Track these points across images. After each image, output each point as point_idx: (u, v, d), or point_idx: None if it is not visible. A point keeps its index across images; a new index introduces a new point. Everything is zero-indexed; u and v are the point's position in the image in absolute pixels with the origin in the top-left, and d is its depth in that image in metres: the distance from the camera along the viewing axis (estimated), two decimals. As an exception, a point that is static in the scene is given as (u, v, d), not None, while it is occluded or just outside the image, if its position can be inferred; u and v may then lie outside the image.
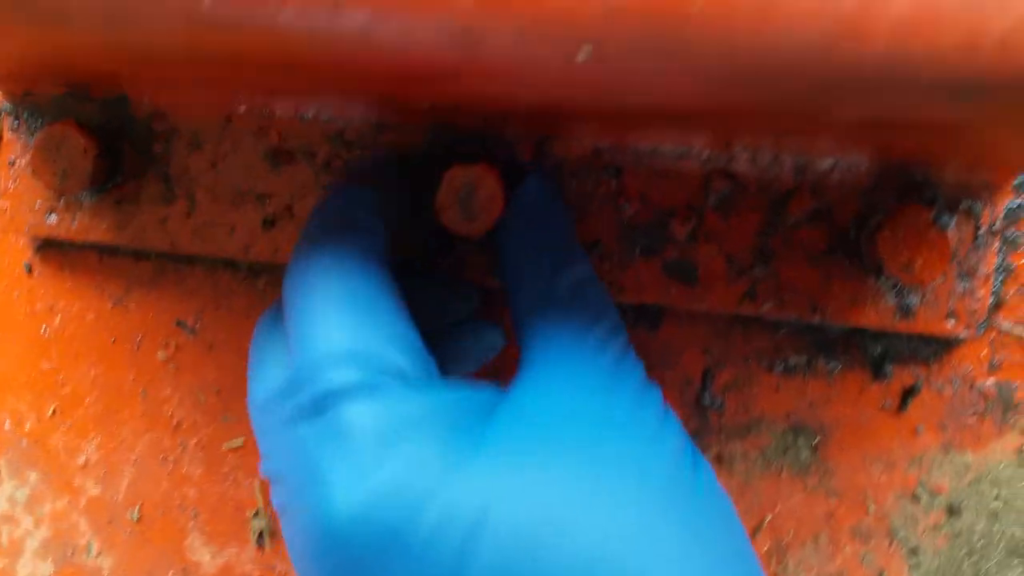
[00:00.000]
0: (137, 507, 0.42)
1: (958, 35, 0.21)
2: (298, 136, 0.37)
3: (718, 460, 0.40)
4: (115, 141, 0.37)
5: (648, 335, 0.40)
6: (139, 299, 0.41)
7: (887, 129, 0.29)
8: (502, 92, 0.27)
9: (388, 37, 0.22)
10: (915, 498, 0.39)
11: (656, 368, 0.40)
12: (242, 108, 0.37)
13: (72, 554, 0.42)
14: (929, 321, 0.36)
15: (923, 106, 0.23)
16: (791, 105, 0.25)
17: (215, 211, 0.38)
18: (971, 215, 0.36)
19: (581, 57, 0.22)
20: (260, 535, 0.41)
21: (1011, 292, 0.38)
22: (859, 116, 0.26)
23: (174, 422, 0.41)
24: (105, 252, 0.41)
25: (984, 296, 0.36)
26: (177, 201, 0.38)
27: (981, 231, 0.36)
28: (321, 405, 0.24)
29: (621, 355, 0.28)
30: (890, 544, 0.39)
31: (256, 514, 0.41)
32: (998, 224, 0.36)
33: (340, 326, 0.25)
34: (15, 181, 0.38)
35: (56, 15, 0.24)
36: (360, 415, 0.23)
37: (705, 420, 0.40)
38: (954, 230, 0.35)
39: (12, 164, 0.39)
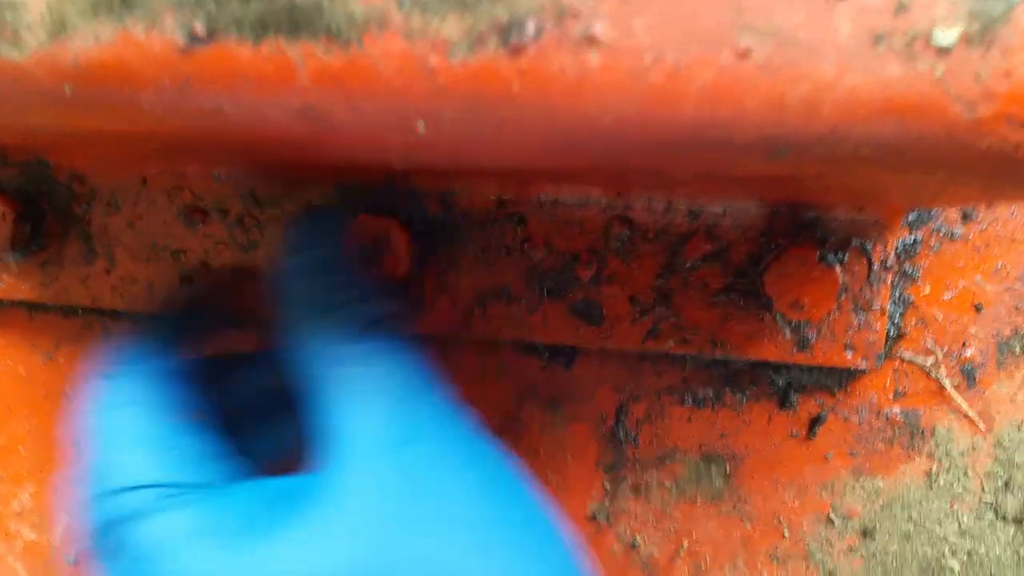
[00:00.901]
0: (73, 551, 0.43)
1: (761, 100, 0.22)
2: (211, 194, 0.38)
3: (635, 490, 0.41)
4: (36, 204, 0.39)
5: (564, 373, 0.41)
6: (68, 354, 0.42)
7: (734, 182, 0.30)
8: (362, 158, 0.29)
9: (238, 113, 0.24)
10: (829, 522, 0.40)
11: (571, 404, 0.41)
12: (155, 170, 0.38)
13: (11, 603, 0.43)
14: (827, 353, 0.37)
15: (744, 163, 0.24)
16: (624, 165, 0.26)
17: (133, 268, 0.39)
18: (863, 252, 0.37)
19: (420, 130, 0.23)
20: None
21: (911, 323, 0.39)
22: (692, 173, 0.27)
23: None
24: (35, 309, 0.42)
25: (880, 328, 0.37)
26: (97, 260, 0.39)
27: (874, 267, 0.37)
28: (105, 532, 0.25)
29: (401, 400, 0.27)
30: (807, 567, 0.40)
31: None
32: (891, 260, 0.37)
33: (125, 460, 0.26)
34: (-58, 245, 0.40)
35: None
36: (136, 537, 0.24)
37: (621, 453, 0.41)
38: (844, 267, 0.36)
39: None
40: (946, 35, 0.21)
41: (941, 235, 0.38)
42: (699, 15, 0.21)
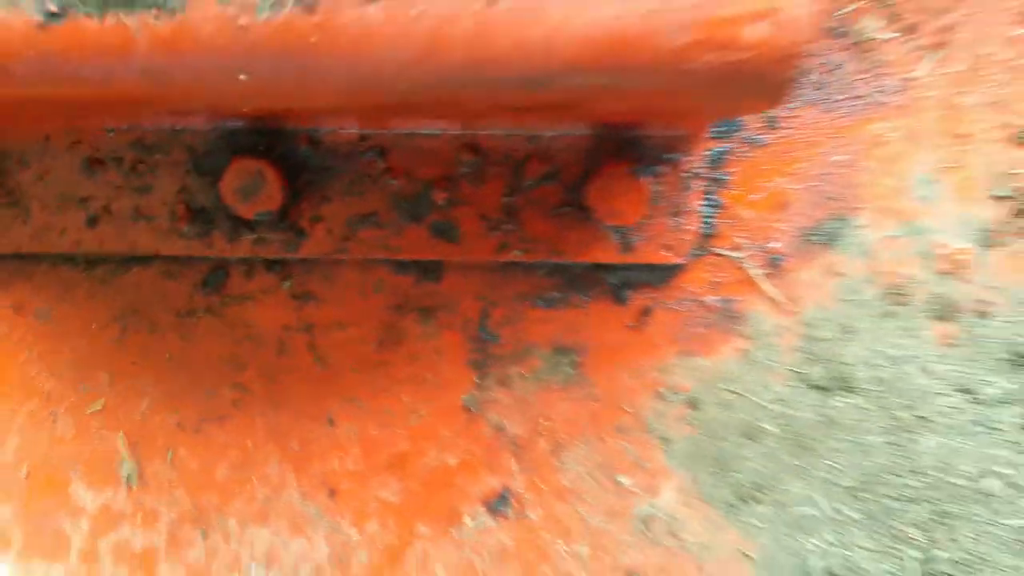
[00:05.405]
0: (24, 466, 0.49)
1: (511, 41, 0.28)
2: (106, 146, 0.43)
3: (500, 382, 0.47)
4: (-49, 163, 0.44)
5: (434, 287, 0.47)
6: (2, 300, 0.47)
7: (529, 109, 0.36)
8: (218, 106, 0.34)
9: (92, 78, 0.29)
10: (662, 397, 0.47)
11: (442, 313, 0.47)
12: (55, 127, 0.43)
13: (-30, 516, 0.49)
14: (647, 253, 0.44)
15: (511, 93, 0.30)
16: (416, 99, 0.32)
17: (51, 217, 0.44)
18: (675, 164, 0.43)
19: (242, 79, 0.29)
20: (128, 478, 0.49)
21: (722, 223, 0.45)
22: (475, 104, 0.33)
23: (44, 392, 0.48)
24: (-38, 258, 0.47)
25: (692, 229, 0.44)
26: (19, 212, 0.44)
27: (685, 176, 0.43)
28: None
29: None
30: (646, 436, 0.47)
31: (123, 460, 0.49)
32: (701, 169, 0.43)
33: None
34: None
35: None
36: None
37: (485, 351, 0.47)
38: (659, 177, 0.43)
39: None
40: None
41: (748, 143, 0.44)
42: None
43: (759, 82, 0.27)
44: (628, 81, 0.29)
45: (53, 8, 0.28)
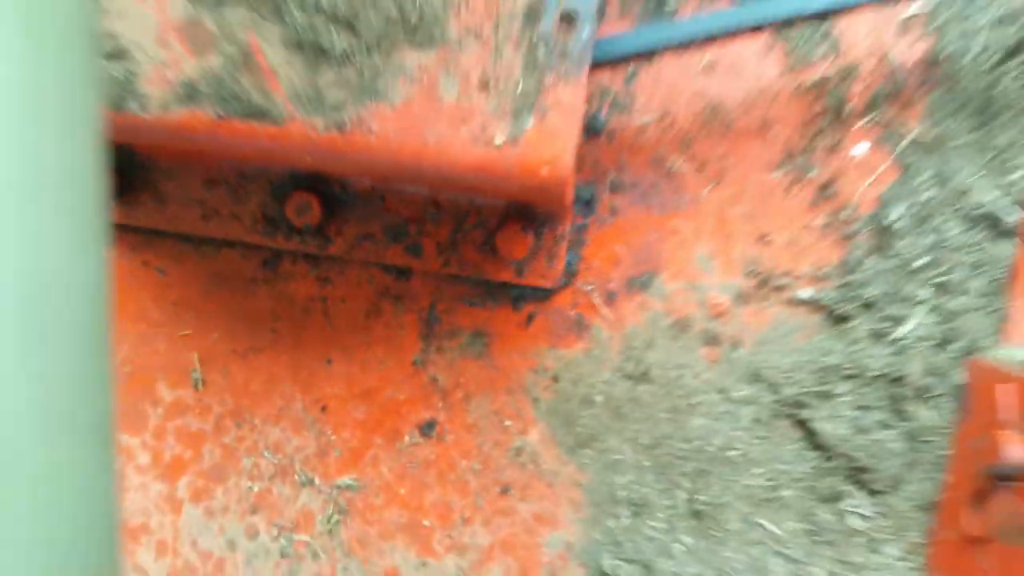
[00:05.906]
0: (129, 367, 0.78)
1: (434, 160, 0.57)
2: (220, 172, 0.73)
3: (437, 350, 0.75)
4: (127, 175, 0.73)
5: (405, 283, 0.75)
6: (135, 257, 0.77)
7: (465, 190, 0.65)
8: (296, 164, 0.63)
9: (235, 146, 0.58)
10: (536, 371, 0.75)
11: (408, 301, 0.75)
12: (191, 158, 0.73)
13: (96, 390, 0.78)
14: (532, 279, 0.72)
15: (435, 182, 0.58)
16: (408, 178, 0.61)
17: (179, 210, 0.74)
18: (552, 228, 0.71)
19: (307, 159, 0.58)
20: (196, 383, 0.77)
21: (581, 268, 0.73)
22: (430, 184, 0.61)
23: (151, 320, 0.77)
24: (121, 229, 0.77)
25: (558, 268, 0.72)
26: (159, 204, 0.74)
27: (558, 237, 0.71)
28: None
29: None
30: (525, 396, 0.75)
31: (194, 370, 0.77)
32: (569, 233, 0.71)
33: None
34: (76, 191, 0.74)
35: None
36: None
37: (431, 329, 0.75)
38: (542, 235, 0.71)
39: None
40: (500, 138, 0.56)
41: (599, 222, 0.73)
42: (408, 135, 0.56)
43: (548, 193, 0.55)
44: (487, 184, 0.58)
45: (222, 113, 0.57)
